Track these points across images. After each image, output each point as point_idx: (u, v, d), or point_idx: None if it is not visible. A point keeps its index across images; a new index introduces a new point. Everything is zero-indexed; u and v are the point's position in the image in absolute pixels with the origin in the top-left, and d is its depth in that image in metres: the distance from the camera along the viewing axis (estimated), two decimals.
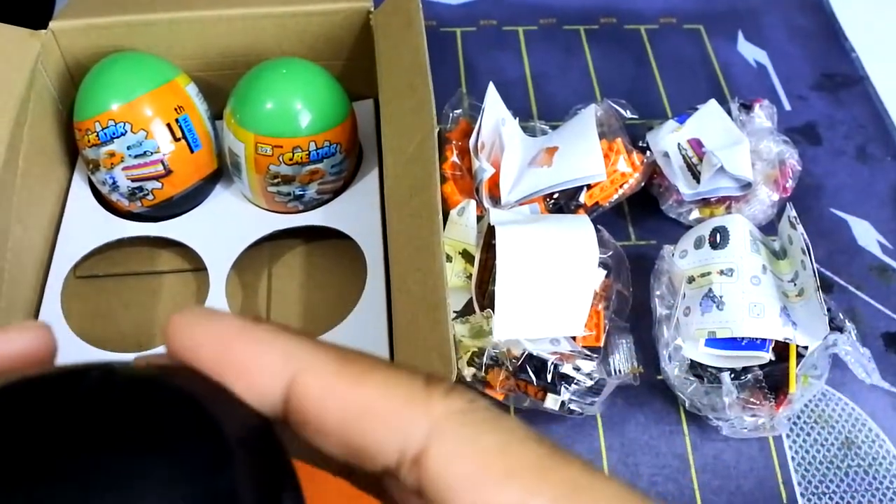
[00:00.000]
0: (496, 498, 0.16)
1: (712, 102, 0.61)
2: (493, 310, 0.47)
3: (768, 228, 0.59)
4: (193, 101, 0.53)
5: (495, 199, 0.56)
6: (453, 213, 0.54)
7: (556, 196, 0.56)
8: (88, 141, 0.51)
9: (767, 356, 0.49)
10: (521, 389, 0.49)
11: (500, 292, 0.47)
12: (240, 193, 0.56)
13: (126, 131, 0.50)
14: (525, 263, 0.48)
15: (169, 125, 0.51)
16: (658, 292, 0.54)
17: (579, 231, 0.50)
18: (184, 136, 0.52)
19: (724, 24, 0.77)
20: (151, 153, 0.51)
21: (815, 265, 0.51)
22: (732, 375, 0.49)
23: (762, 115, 0.61)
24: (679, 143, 0.59)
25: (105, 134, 0.50)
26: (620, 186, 0.57)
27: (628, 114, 0.60)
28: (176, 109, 0.51)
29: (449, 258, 0.52)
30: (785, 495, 0.50)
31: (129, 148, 0.50)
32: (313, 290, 0.55)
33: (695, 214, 0.59)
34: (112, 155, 0.51)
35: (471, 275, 0.51)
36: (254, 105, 0.50)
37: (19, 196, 0.50)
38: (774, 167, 0.58)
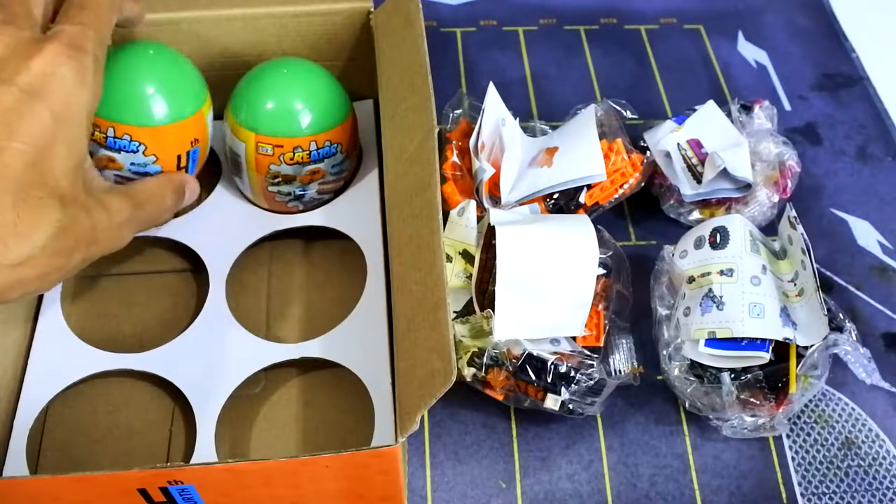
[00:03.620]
0: None
1: (711, 104, 0.61)
2: (493, 310, 0.47)
3: (768, 229, 0.59)
4: (207, 130, 0.50)
5: (495, 200, 0.56)
6: (453, 213, 0.54)
7: (556, 196, 0.56)
8: (92, 134, 0.48)
9: (767, 356, 0.49)
10: (522, 389, 0.49)
11: (500, 292, 0.47)
12: (240, 193, 0.56)
13: (137, 151, 0.48)
14: (525, 263, 0.48)
15: (179, 156, 0.49)
16: (658, 292, 0.54)
17: (579, 231, 0.50)
18: (186, 166, 0.50)
19: (724, 24, 0.77)
20: (151, 174, 0.49)
21: (815, 265, 0.51)
22: (732, 375, 0.49)
23: (762, 116, 0.61)
24: (679, 144, 0.59)
25: (114, 143, 0.48)
26: (620, 186, 0.57)
27: (628, 114, 0.60)
28: (192, 142, 0.49)
29: (449, 258, 0.52)
30: (785, 495, 0.50)
31: (132, 164, 0.48)
32: (313, 290, 0.55)
33: (695, 215, 0.59)
34: (111, 160, 0.49)
35: (471, 275, 0.51)
36: (254, 105, 0.50)
37: None
38: (774, 168, 0.58)
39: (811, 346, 0.49)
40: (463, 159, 0.57)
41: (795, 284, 0.52)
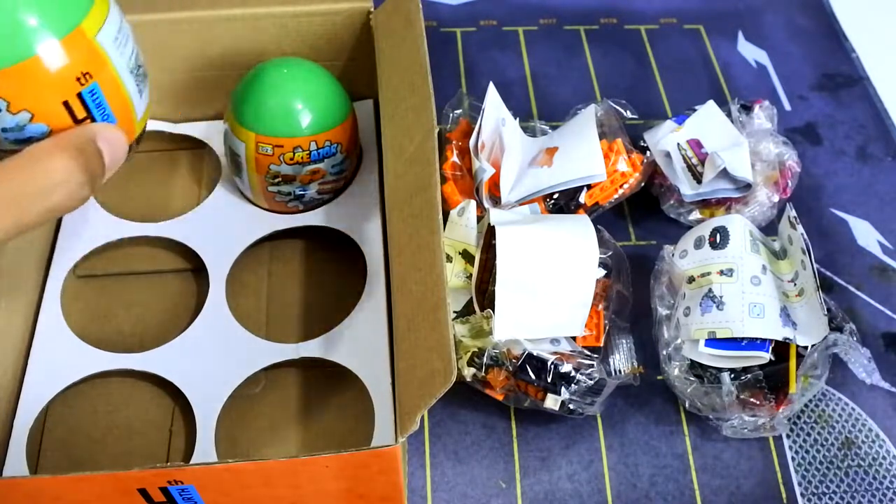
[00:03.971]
0: None
1: (710, 104, 0.61)
2: (493, 310, 0.47)
3: (768, 229, 0.59)
4: (108, 57, 0.34)
5: (495, 200, 0.56)
6: (453, 213, 0.54)
7: (556, 196, 0.56)
8: None
9: (767, 356, 0.49)
10: (521, 389, 0.49)
11: (500, 292, 0.47)
12: (240, 193, 0.56)
13: None
14: (525, 263, 0.48)
15: (67, 103, 0.33)
16: (658, 292, 0.54)
17: (579, 231, 0.50)
18: (89, 115, 0.34)
19: (724, 24, 0.77)
20: (39, 138, 0.33)
21: (815, 265, 0.51)
22: (732, 375, 0.49)
23: (762, 116, 0.61)
24: (679, 144, 0.59)
25: None
26: (620, 186, 0.57)
27: (628, 114, 0.60)
28: (80, 79, 0.33)
29: (449, 258, 0.52)
30: (785, 495, 0.50)
31: (3, 130, 0.33)
32: (313, 290, 0.55)
33: (695, 215, 0.59)
34: None
35: (471, 275, 0.51)
36: (254, 105, 0.50)
37: None
38: (774, 168, 0.58)
39: (811, 346, 0.49)
40: (463, 159, 0.57)
41: (795, 284, 0.52)
